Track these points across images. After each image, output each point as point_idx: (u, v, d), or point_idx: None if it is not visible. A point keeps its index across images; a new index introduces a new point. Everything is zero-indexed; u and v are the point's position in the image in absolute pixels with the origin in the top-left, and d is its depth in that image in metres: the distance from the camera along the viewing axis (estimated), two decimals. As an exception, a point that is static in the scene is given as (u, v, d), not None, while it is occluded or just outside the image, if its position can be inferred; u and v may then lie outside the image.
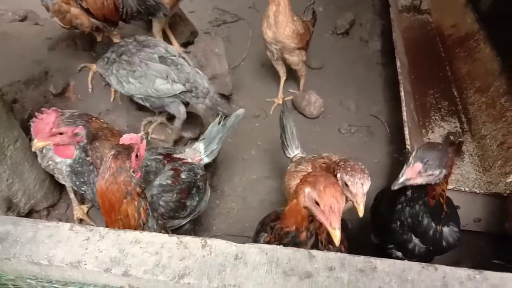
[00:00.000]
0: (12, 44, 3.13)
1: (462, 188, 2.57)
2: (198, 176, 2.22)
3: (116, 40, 2.95)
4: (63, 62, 3.06)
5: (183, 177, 2.09)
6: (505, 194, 2.53)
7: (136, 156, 1.47)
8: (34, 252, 1.17)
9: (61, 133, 1.78)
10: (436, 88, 3.91)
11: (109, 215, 1.44)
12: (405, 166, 1.71)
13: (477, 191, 2.59)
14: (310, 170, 2.31)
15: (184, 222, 2.20)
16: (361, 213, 1.76)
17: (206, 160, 2.41)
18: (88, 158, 1.89)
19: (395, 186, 1.71)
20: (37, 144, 1.80)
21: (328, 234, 1.42)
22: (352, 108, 3.81)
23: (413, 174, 1.68)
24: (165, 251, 1.17)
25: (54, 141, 1.80)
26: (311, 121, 3.71)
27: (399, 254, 2.03)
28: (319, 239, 1.53)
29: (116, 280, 1.14)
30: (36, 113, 1.79)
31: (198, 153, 2.38)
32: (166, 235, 1.20)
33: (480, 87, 3.62)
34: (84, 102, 3.10)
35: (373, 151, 3.43)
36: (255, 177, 3.21)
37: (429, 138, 3.44)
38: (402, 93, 3.28)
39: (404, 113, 3.09)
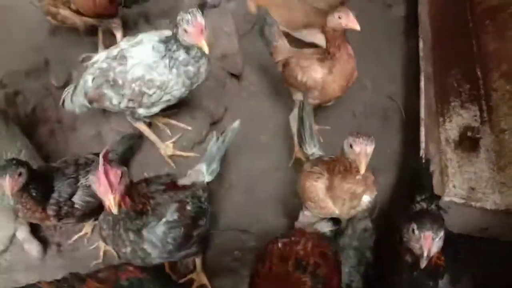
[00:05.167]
0: (10, 23, 2.94)
1: (473, 204, 2.54)
2: (202, 199, 2.21)
3: (118, 33, 2.75)
4: (64, 50, 2.90)
5: (189, 208, 2.08)
6: (516, 212, 2.49)
7: None
8: None
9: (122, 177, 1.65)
10: (459, 68, 3.61)
11: None
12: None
13: (488, 207, 2.55)
14: (325, 173, 2.28)
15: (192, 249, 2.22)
16: (362, 170, 1.93)
17: (208, 178, 2.41)
18: None
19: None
20: (117, 199, 1.61)
21: None
22: (369, 87, 3.63)
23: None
24: None
25: (122, 189, 1.66)
26: (325, 102, 3.57)
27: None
28: None
29: None
30: (99, 170, 1.59)
31: (202, 174, 2.35)
32: None
33: (506, 72, 3.37)
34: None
35: (387, 140, 3.31)
36: (264, 168, 3.17)
37: (445, 129, 3.29)
38: (422, 82, 3.10)
39: (422, 108, 2.96)
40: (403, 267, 1.98)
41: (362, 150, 1.91)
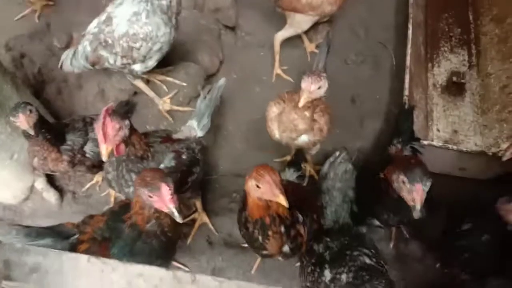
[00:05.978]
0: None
1: (450, 146, 2.71)
2: (196, 151, 2.43)
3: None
4: (64, 13, 3.03)
5: (184, 157, 2.30)
6: (490, 154, 2.65)
7: None
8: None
9: (119, 130, 1.86)
10: (452, 11, 3.68)
11: None
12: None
13: (464, 149, 2.70)
14: (286, 100, 2.48)
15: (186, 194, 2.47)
16: (300, 103, 2.17)
17: (200, 134, 2.60)
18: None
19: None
20: (109, 149, 1.84)
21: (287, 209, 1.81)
22: (361, 35, 3.70)
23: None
24: (163, 284, 1.47)
25: (117, 141, 1.89)
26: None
27: (376, 222, 2.32)
28: (282, 217, 1.91)
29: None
30: (100, 118, 1.82)
31: (193, 130, 2.55)
32: (163, 269, 1.48)
33: (496, 15, 3.42)
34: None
35: (377, 87, 3.43)
36: (259, 117, 3.33)
37: (433, 74, 3.41)
38: (409, 30, 3.17)
39: (408, 56, 3.06)
40: (387, 198, 2.16)
41: (307, 87, 2.14)
